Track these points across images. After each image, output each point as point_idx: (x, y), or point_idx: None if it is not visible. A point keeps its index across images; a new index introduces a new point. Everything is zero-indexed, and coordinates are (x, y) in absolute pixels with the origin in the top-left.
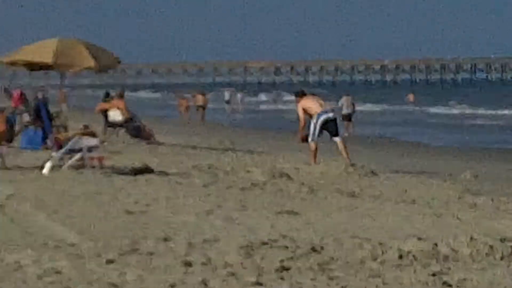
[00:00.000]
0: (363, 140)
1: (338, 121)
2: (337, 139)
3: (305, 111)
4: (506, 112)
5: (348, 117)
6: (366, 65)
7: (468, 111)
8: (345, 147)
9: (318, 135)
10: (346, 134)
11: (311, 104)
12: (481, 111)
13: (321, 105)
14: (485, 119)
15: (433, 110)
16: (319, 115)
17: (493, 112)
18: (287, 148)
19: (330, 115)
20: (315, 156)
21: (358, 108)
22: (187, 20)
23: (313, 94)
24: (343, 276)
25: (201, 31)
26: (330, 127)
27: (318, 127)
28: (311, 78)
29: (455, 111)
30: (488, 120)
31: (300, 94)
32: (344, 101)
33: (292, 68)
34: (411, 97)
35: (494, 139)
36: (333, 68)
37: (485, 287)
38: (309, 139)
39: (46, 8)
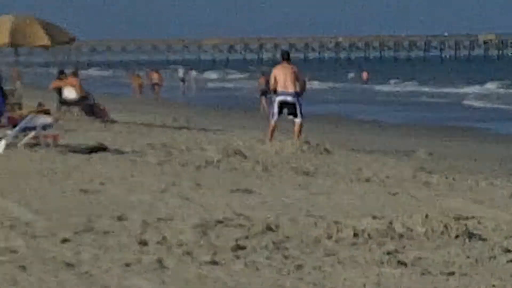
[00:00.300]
0: (317, 118)
1: (297, 105)
2: (295, 119)
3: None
4: (458, 90)
5: None
6: (320, 42)
7: (421, 89)
8: (299, 130)
9: (278, 114)
10: None
11: (279, 77)
12: (433, 89)
13: (285, 83)
14: (438, 97)
15: (386, 88)
16: (278, 94)
17: (445, 90)
18: (241, 126)
19: (288, 98)
20: (271, 134)
21: (310, 86)
22: None
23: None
24: (298, 255)
25: (155, 8)
26: (287, 108)
27: (276, 107)
28: (265, 56)
29: (408, 88)
30: (441, 98)
31: (282, 57)
32: None
33: (245, 45)
34: (364, 75)
35: (447, 117)
36: (287, 46)
37: (440, 265)
38: (270, 117)
39: None
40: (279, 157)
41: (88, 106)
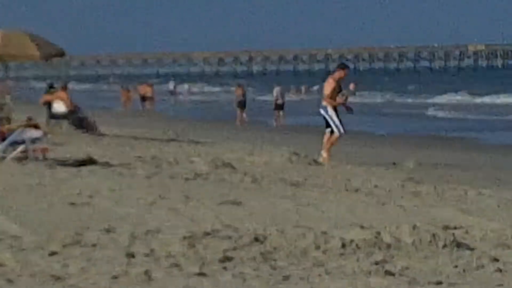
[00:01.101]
0: (305, 129)
1: (326, 117)
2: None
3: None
4: (442, 100)
5: (281, 107)
6: (310, 54)
7: (410, 100)
8: (331, 142)
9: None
10: (274, 124)
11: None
12: (421, 99)
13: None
14: (425, 108)
15: (375, 99)
16: None
17: (433, 100)
18: (228, 137)
19: (320, 111)
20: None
21: (289, 98)
22: (131, 11)
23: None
24: (286, 266)
25: (145, 22)
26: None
27: None
28: (254, 68)
29: (395, 100)
30: (429, 109)
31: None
32: (277, 91)
33: (235, 58)
34: (352, 86)
35: (436, 127)
36: (276, 58)
37: (428, 275)
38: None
39: None
40: (268, 169)
41: (78, 120)
